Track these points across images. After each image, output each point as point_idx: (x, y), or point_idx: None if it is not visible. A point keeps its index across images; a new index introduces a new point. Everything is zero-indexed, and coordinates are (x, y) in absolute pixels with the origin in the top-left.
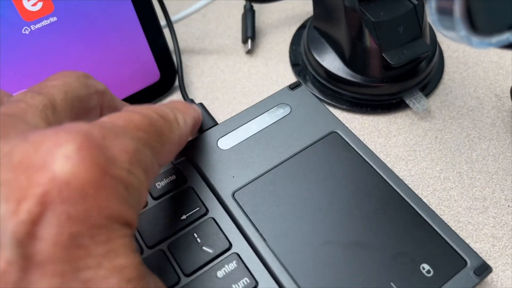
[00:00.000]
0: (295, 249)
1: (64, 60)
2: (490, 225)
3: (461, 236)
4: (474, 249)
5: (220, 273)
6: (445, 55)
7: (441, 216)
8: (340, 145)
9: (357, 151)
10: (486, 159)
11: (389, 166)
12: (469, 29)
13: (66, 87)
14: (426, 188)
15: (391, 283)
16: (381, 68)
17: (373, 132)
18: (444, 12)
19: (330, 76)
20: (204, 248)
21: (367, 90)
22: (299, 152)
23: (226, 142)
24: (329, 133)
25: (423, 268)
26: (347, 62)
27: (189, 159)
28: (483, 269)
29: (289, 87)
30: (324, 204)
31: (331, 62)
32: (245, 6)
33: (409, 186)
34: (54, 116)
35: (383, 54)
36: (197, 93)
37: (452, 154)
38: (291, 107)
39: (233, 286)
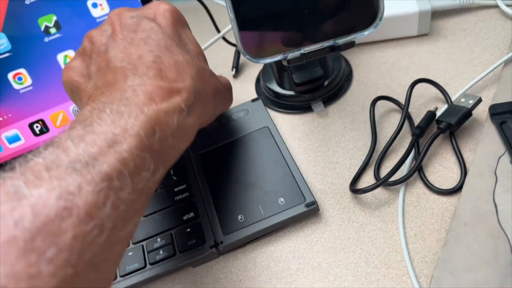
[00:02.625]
0: (222, 187)
1: None
2: (333, 177)
3: (310, 183)
4: (315, 192)
5: (176, 189)
6: (355, 78)
7: (303, 171)
8: (266, 134)
9: (273, 137)
10: (349, 141)
11: (287, 143)
12: (248, 55)
13: None
14: (304, 156)
15: (259, 206)
16: (293, 85)
17: (289, 124)
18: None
19: (272, 91)
20: (173, 176)
21: (289, 99)
22: (243, 136)
23: (207, 128)
24: (263, 127)
25: (280, 200)
26: (279, 83)
27: None
28: (312, 204)
29: (252, 100)
30: (244, 160)
31: (273, 84)
32: (235, 50)
33: (292, 153)
34: None
35: (292, 76)
36: None
37: (330, 137)
38: (248, 111)
39: (178, 197)
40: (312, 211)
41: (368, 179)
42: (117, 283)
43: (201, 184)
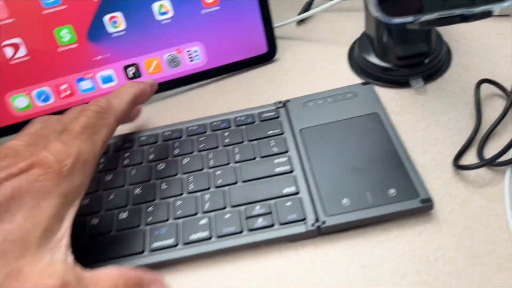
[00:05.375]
0: (326, 167)
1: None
2: (433, 153)
3: (424, 178)
4: (429, 188)
5: (276, 161)
6: (454, 60)
7: (416, 163)
8: (376, 120)
9: (384, 124)
10: (450, 120)
11: (394, 121)
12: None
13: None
14: (401, 129)
15: (367, 193)
16: (396, 58)
17: (384, 96)
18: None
19: (368, 62)
20: (273, 148)
21: (386, 72)
22: (349, 118)
23: (310, 104)
24: (373, 113)
25: (390, 191)
26: (378, 55)
27: (287, 111)
28: (427, 201)
29: (362, 83)
30: (350, 143)
31: (370, 55)
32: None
33: (401, 137)
34: None
35: (395, 48)
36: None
37: (429, 114)
38: (357, 94)
39: (277, 169)
40: (426, 208)
41: (470, 158)
42: (211, 243)
43: (302, 160)
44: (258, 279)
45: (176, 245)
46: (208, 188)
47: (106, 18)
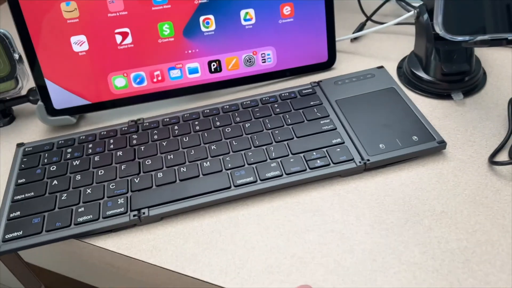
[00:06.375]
0: (361, 125)
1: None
2: (471, 151)
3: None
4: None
5: (322, 121)
6: (488, 81)
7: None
8: (393, 92)
9: (400, 95)
10: (485, 128)
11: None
12: (445, 31)
13: None
14: (444, 131)
15: (397, 139)
16: (441, 73)
17: (428, 105)
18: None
19: (415, 75)
20: (317, 113)
21: (430, 84)
22: (372, 92)
23: (339, 83)
24: (390, 87)
25: (414, 137)
26: (424, 69)
27: (321, 88)
28: (442, 142)
29: (377, 67)
30: (375, 108)
31: (418, 69)
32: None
33: (415, 103)
34: None
35: (441, 66)
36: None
37: (467, 121)
38: (374, 75)
39: (324, 127)
40: (441, 148)
41: (502, 157)
42: (282, 178)
43: (341, 121)
44: (319, 203)
45: (255, 182)
46: (271, 143)
47: (201, 18)
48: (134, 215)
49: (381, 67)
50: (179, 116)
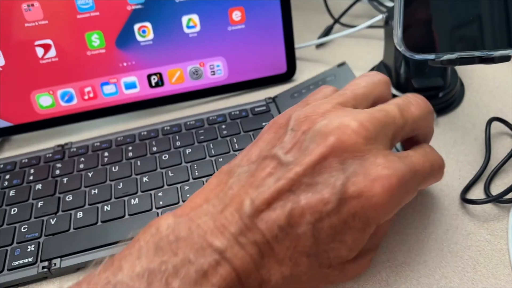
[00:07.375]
0: None
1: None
2: (442, 184)
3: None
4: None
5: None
6: (466, 95)
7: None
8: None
9: None
10: (459, 154)
11: None
12: (405, 47)
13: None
14: None
15: None
16: (411, 88)
17: None
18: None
19: None
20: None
21: None
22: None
23: (295, 95)
24: None
25: None
26: (394, 84)
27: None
28: None
29: (337, 66)
30: None
31: None
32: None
33: None
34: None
35: (411, 80)
36: None
37: (439, 146)
38: (336, 76)
39: None
40: None
41: (477, 193)
42: None
43: None
44: None
45: None
46: (212, 174)
47: (136, 26)
48: (43, 267)
49: (343, 63)
50: (112, 139)
